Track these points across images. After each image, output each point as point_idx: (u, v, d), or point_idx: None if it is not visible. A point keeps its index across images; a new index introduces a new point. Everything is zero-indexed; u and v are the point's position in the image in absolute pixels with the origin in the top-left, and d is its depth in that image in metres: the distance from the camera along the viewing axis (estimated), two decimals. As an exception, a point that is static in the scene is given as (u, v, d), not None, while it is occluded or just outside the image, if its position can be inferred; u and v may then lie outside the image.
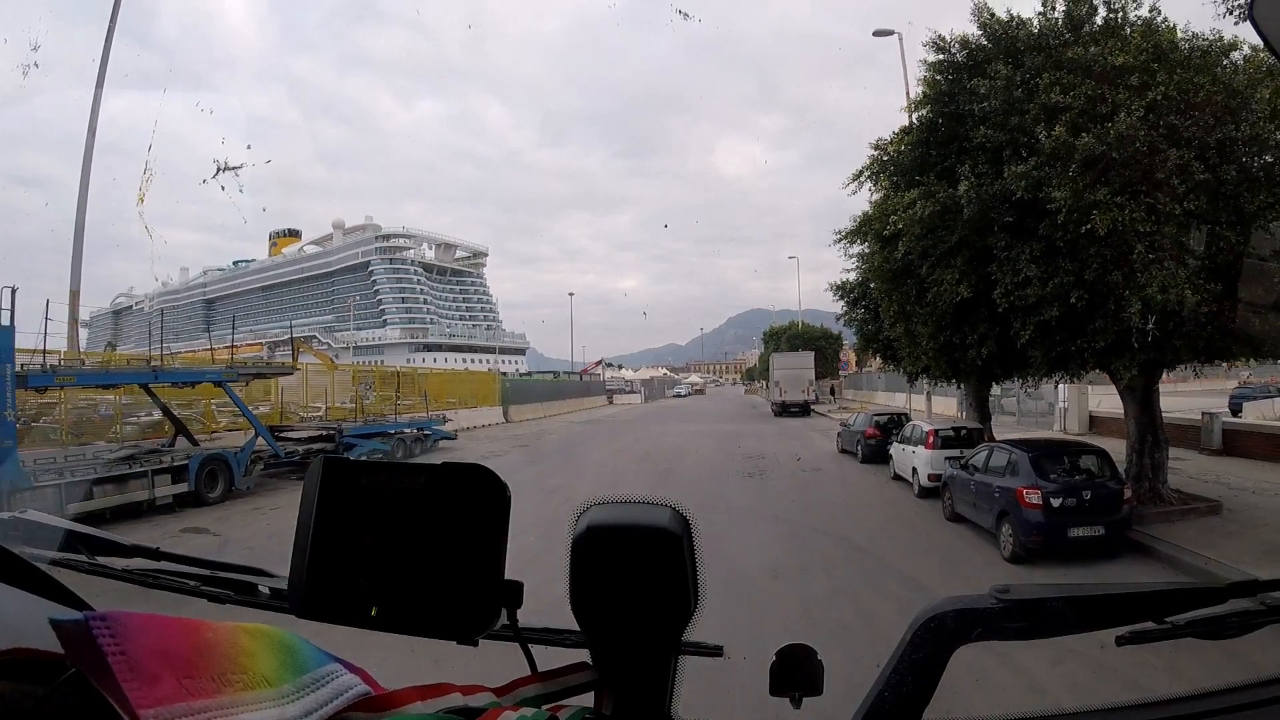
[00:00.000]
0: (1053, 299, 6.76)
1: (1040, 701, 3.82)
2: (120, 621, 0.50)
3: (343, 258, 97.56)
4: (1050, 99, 6.79)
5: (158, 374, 11.61)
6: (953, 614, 0.69)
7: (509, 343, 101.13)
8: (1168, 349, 7.06)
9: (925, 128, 8.21)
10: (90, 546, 1.03)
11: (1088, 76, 6.87)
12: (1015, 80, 7.17)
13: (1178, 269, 6.35)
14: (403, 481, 0.68)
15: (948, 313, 7.84)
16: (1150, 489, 9.08)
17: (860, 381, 40.38)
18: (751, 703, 1.18)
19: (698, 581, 0.75)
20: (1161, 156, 6.80)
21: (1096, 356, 7.23)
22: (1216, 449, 14.70)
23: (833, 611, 5.53)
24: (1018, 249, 6.93)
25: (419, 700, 0.66)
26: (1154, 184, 6.68)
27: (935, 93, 8.08)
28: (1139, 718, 0.72)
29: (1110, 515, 7.28)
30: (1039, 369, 8.18)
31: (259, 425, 12.57)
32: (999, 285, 7.05)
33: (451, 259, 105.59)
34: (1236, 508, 9.36)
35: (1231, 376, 32.08)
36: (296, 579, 0.69)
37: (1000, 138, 7.12)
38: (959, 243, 7.31)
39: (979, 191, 6.94)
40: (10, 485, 9.02)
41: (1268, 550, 7.56)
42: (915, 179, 7.76)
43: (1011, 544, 7.29)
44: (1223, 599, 0.75)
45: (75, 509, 9.63)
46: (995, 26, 7.96)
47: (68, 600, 0.86)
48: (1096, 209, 6.28)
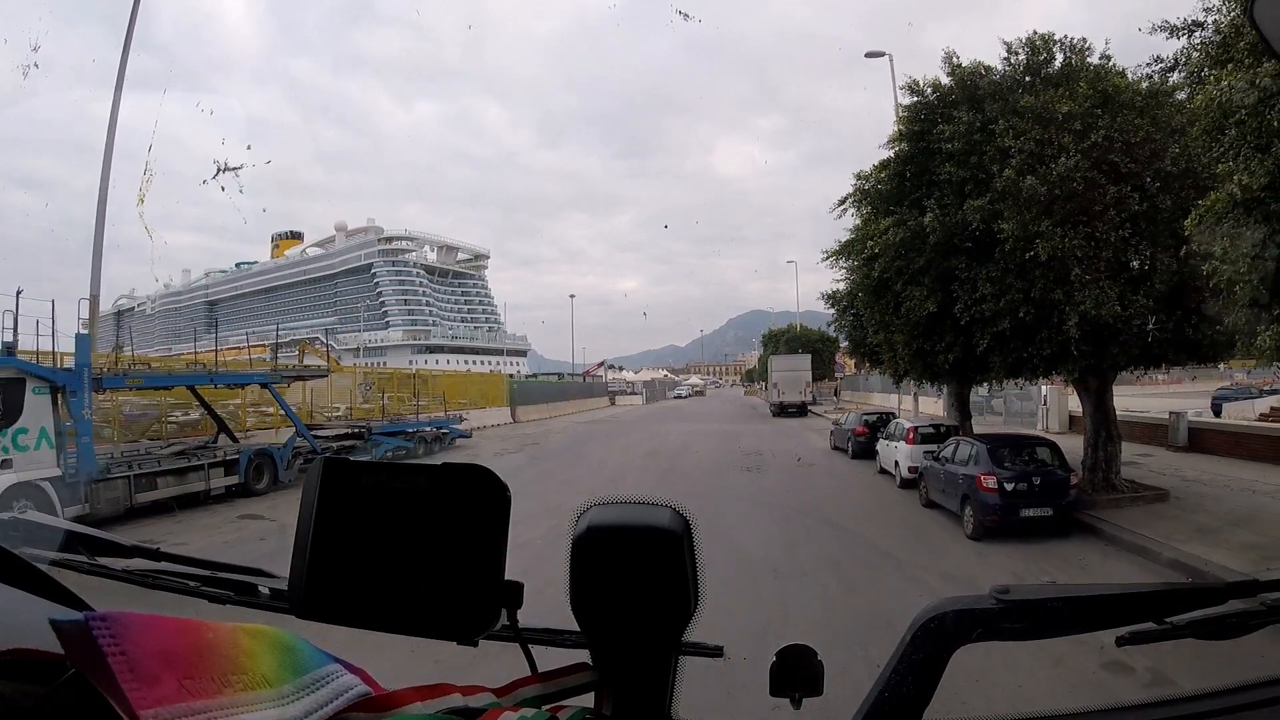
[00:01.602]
0: (1005, 313, 7.96)
1: (1040, 701, 3.81)
2: (120, 622, 0.50)
3: (345, 260, 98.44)
4: (1004, 143, 7.97)
5: (213, 376, 12.79)
6: (953, 614, 0.69)
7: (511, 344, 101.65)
8: (1105, 356, 8.23)
9: (900, 161, 9.40)
10: (90, 547, 1.03)
11: (1036, 123, 8.04)
12: (975, 125, 8.34)
13: (1110, 288, 7.51)
14: (403, 482, 0.69)
15: (919, 323, 9.05)
16: (1104, 478, 10.24)
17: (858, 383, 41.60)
18: (751, 703, 1.12)
19: (698, 582, 0.75)
20: (1101, 190, 7.97)
21: (1044, 362, 8.43)
22: (1183, 446, 15.79)
23: (815, 573, 6.72)
24: (976, 270, 8.14)
25: (419, 701, 0.67)
26: (1093, 215, 7.85)
27: (909, 131, 9.26)
28: (1139, 718, 0.72)
29: (1058, 499, 8.43)
30: (998, 372, 9.38)
31: (299, 423, 13.75)
32: (960, 301, 8.25)
33: (453, 261, 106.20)
34: (1184, 496, 10.48)
35: (1226, 378, 33.29)
36: (296, 579, 0.69)
37: (962, 174, 8.31)
38: (926, 264, 8.52)
39: (942, 221, 8.14)
40: (88, 476, 10.12)
41: (1197, 530, 8.67)
42: (890, 208, 8.97)
43: (972, 523, 8.45)
44: (1222, 599, 0.75)
45: (144, 498, 10.79)
46: (962, 74, 9.15)
47: (68, 600, 0.86)
48: (1039, 238, 7.46)
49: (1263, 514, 9.38)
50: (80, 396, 10.14)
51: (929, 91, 9.30)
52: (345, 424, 17.39)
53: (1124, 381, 33.87)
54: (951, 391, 15.96)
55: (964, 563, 7.37)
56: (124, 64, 15.82)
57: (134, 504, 10.62)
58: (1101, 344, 7.98)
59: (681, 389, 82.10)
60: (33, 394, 9.69)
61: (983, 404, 24.46)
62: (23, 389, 9.60)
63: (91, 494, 10.10)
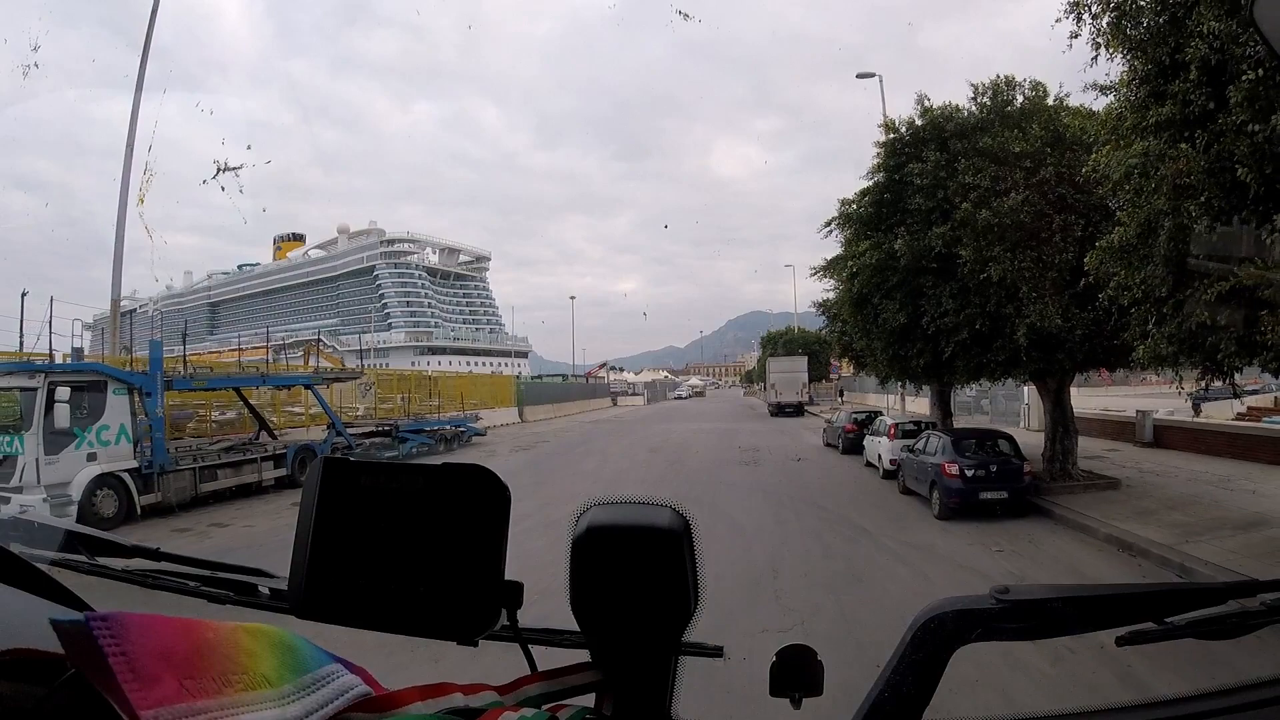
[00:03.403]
0: (965, 325, 9.34)
1: (1040, 702, 3.85)
2: (120, 622, 0.50)
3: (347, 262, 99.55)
4: (965, 179, 9.32)
5: (264, 378, 14.15)
6: (953, 615, 0.69)
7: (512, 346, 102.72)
8: (1052, 361, 9.59)
9: (878, 190, 10.77)
10: (90, 547, 1.03)
11: (993, 161, 9.39)
12: (941, 162, 9.70)
13: (1054, 304, 8.85)
14: (402, 482, 0.69)
15: (894, 332, 10.44)
16: (1061, 468, 11.57)
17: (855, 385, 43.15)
18: (751, 703, 1.17)
19: (698, 582, 0.76)
20: (1048, 220, 9.32)
21: (1000, 366, 9.81)
22: (1148, 442, 17.08)
23: (800, 542, 8.10)
24: (940, 288, 9.52)
25: (420, 700, 0.67)
26: (1040, 240, 9.19)
27: (886, 164, 10.63)
28: (1139, 718, 0.72)
29: (1013, 484, 9.77)
30: (962, 375, 10.74)
31: (338, 421, 15.11)
32: (927, 314, 9.63)
33: (455, 263, 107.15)
34: (1134, 485, 11.78)
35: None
36: (296, 579, 0.70)
37: (929, 205, 9.67)
38: (899, 282, 9.91)
39: (911, 246, 9.52)
40: (160, 467, 11.42)
41: (1137, 512, 9.97)
42: (868, 232, 10.35)
43: (939, 505, 9.80)
44: (1222, 599, 0.75)
45: (207, 488, 12.10)
46: (932, 115, 10.51)
47: (68, 600, 0.86)
48: (992, 262, 8.82)
49: (1199, 500, 10.63)
50: (154, 397, 11.46)
51: (904, 130, 10.67)
52: (374, 422, 18.73)
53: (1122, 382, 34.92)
54: (933, 391, 17.38)
55: (927, 536, 8.71)
56: (144, 66, 15.93)
57: (198, 493, 11.93)
58: (1049, 351, 9.33)
59: (682, 390, 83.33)
60: (113, 395, 10.99)
61: (971, 404, 25.92)
62: (105, 390, 10.91)
63: (163, 484, 11.41)
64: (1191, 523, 9.21)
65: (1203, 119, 4.63)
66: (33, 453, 9.94)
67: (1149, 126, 5.18)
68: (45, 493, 9.87)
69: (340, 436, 14.93)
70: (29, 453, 9.94)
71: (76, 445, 10.36)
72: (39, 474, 9.93)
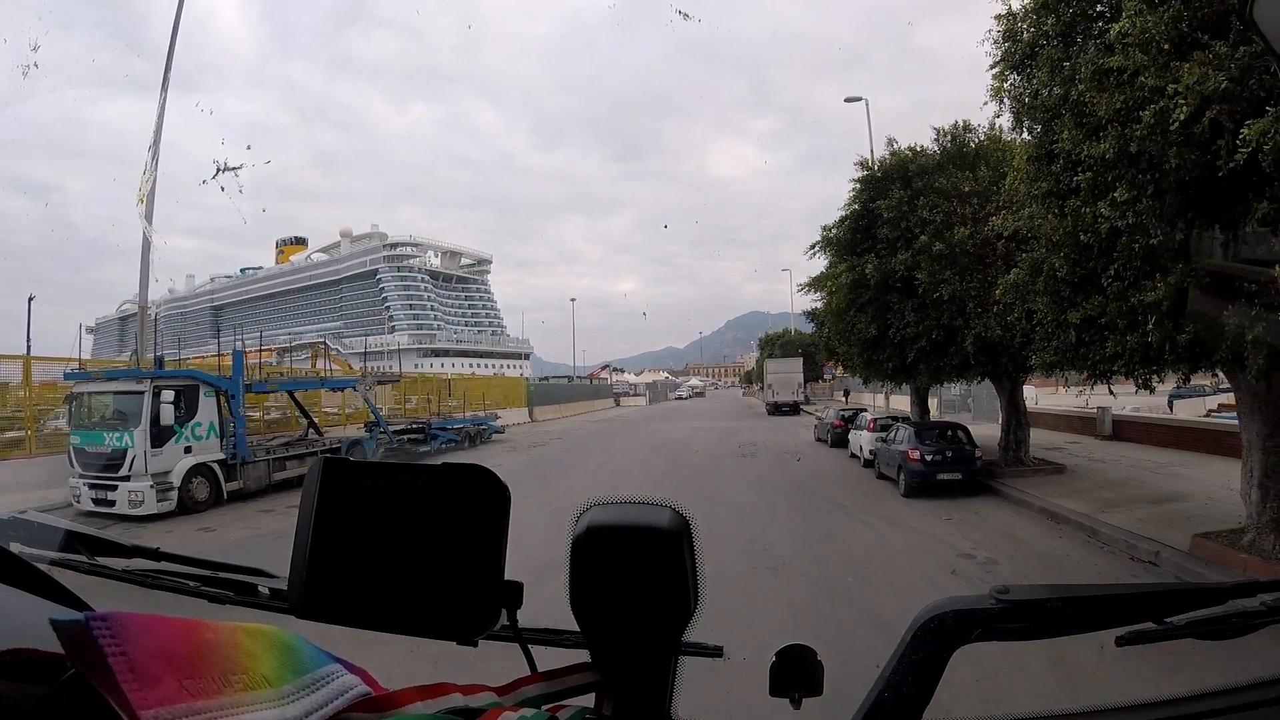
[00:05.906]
0: (923, 335, 11.33)
1: (1040, 701, 3.91)
2: (120, 622, 0.51)
3: (350, 265, 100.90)
4: (923, 214, 11.26)
5: (324, 381, 16.10)
6: (952, 615, 0.69)
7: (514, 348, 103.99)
8: (999, 365, 11.54)
9: (854, 218, 12.76)
10: (90, 547, 1.04)
11: (946, 199, 11.32)
12: (904, 199, 11.64)
13: (993, 319, 10.78)
14: (402, 482, 0.69)
15: (867, 341, 12.48)
16: (1014, 456, 13.49)
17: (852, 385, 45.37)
18: (751, 703, 1.18)
19: (698, 582, 0.76)
20: (993, 247, 11.24)
21: (955, 369, 11.78)
22: (1108, 435, 18.78)
23: (786, 516, 10.06)
24: (904, 304, 11.53)
25: (420, 700, 0.67)
26: (984, 266, 11.12)
27: (860, 197, 12.61)
28: (1139, 718, 0.72)
29: (966, 467, 11.70)
30: (925, 377, 12.74)
31: (381, 419, 17.02)
32: (893, 325, 11.65)
33: (457, 266, 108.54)
34: (1079, 470, 13.55)
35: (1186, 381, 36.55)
36: (296, 579, 0.70)
37: (894, 235, 11.64)
38: (870, 298, 11.95)
39: (879, 269, 11.52)
40: (242, 459, 13.29)
41: (1072, 491, 11.76)
42: (845, 255, 12.36)
43: (904, 485, 11.75)
44: (1222, 599, 0.75)
45: (278, 477, 13.94)
46: (899, 156, 12.48)
47: (68, 600, 0.86)
48: (943, 284, 10.77)
49: (1130, 482, 12.40)
50: (238, 399, 13.34)
51: (875, 169, 12.64)
52: (406, 420, 20.67)
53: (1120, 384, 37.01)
54: (913, 390, 19.37)
55: (892, 509, 10.64)
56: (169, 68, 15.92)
57: (271, 480, 13.79)
58: (994, 356, 11.28)
59: (682, 390, 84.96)
60: (203, 396, 12.86)
61: (957, 402, 27.82)
62: (198, 392, 12.77)
63: (244, 473, 13.28)
64: (1113, 499, 10.69)
65: (1064, 196, 6.55)
66: (141, 446, 11.75)
67: (1036, 195, 7.11)
68: (151, 480, 11.68)
69: (384, 433, 16.85)
70: (138, 446, 11.74)
71: (176, 440, 12.20)
72: (146, 464, 11.75)
